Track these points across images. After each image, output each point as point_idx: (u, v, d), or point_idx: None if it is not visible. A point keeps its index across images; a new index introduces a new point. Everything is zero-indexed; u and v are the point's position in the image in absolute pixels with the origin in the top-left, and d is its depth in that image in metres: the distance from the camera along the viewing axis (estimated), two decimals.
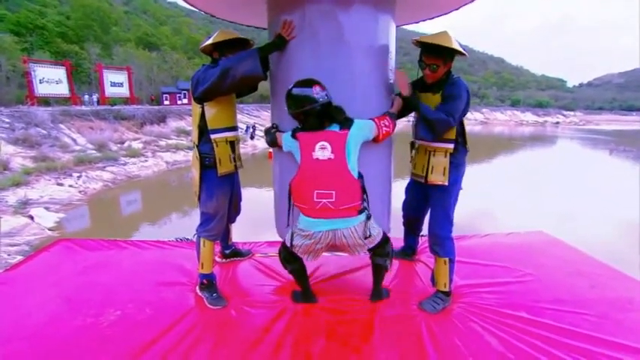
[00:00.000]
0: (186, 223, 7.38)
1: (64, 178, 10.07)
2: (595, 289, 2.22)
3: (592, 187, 10.71)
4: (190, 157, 2.15)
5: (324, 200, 1.67)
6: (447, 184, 1.96)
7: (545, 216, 7.26)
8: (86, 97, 20.82)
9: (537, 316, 1.92)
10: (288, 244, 1.88)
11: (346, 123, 1.74)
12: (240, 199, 2.40)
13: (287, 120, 1.98)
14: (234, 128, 2.15)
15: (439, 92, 1.91)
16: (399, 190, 2.44)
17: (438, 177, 1.97)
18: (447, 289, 2.01)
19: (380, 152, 2.05)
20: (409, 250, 2.59)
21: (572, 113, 73.44)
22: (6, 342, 1.72)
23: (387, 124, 1.87)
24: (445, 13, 2.50)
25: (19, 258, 4.96)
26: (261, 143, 18.29)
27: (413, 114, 2.07)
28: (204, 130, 1.99)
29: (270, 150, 2.08)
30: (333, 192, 1.67)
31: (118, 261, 2.59)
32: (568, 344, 1.70)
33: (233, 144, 2.11)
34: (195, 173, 2.07)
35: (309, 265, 2.14)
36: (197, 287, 2.16)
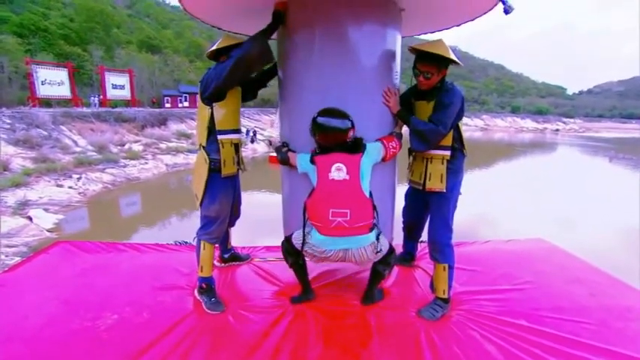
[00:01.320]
0: (185, 226, 7.37)
1: (63, 179, 10.07)
2: (594, 297, 2.22)
3: (592, 194, 10.72)
4: (191, 160, 2.16)
5: (339, 219, 1.73)
6: (445, 190, 1.96)
7: (544, 222, 7.26)
8: (92, 98, 20.92)
9: (537, 324, 1.91)
10: (298, 247, 1.91)
11: (361, 147, 1.81)
12: (240, 203, 2.40)
13: (296, 136, 2.02)
14: (238, 131, 2.17)
15: (433, 100, 1.92)
16: (398, 196, 2.44)
17: (436, 184, 1.97)
18: (445, 296, 2.01)
19: (384, 163, 2.06)
20: (408, 257, 2.58)
21: (572, 120, 73.58)
22: (3, 343, 1.71)
23: (394, 145, 1.94)
24: (447, 28, 2.54)
25: (17, 259, 4.94)
26: (261, 147, 18.32)
27: None
28: (212, 131, 2.02)
29: (271, 154, 2.11)
30: (348, 211, 1.74)
31: (117, 264, 2.58)
32: (568, 353, 1.69)
33: (237, 146, 2.14)
34: (200, 176, 2.07)
35: (310, 269, 2.14)
36: (196, 290, 2.15)
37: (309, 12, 1.92)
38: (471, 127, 50.98)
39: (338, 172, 1.74)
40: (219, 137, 2.02)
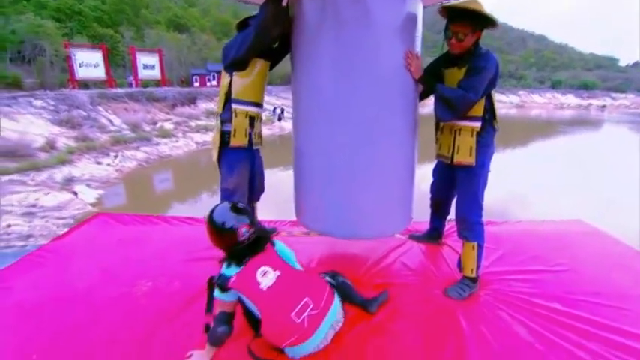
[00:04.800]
0: (215, 201, 7.62)
1: (102, 157, 10.67)
2: (638, 285, 2.07)
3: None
4: None
5: (305, 314, 1.46)
6: (474, 164, 1.86)
7: (586, 205, 6.83)
8: (130, 78, 21.77)
9: (571, 307, 1.82)
10: None
11: (266, 241, 1.58)
12: (263, 178, 2.42)
13: (303, 107, 1.97)
14: (258, 105, 2.14)
15: (465, 66, 1.78)
16: (426, 173, 2.36)
17: (465, 157, 1.87)
18: (474, 275, 1.95)
19: (403, 137, 1.98)
20: (435, 233, 2.51)
21: (622, 95, 67.14)
22: (47, 302, 1.87)
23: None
24: None
25: (66, 229, 5.37)
26: (288, 125, 18.30)
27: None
28: (228, 99, 2.02)
29: None
30: (306, 298, 1.49)
31: (150, 236, 2.71)
32: (605, 337, 1.60)
33: (253, 120, 2.11)
34: (215, 147, 2.10)
35: (328, 249, 2.12)
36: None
37: None
38: (505, 103, 47.98)
39: (265, 276, 1.46)
40: (234, 106, 2.00)
